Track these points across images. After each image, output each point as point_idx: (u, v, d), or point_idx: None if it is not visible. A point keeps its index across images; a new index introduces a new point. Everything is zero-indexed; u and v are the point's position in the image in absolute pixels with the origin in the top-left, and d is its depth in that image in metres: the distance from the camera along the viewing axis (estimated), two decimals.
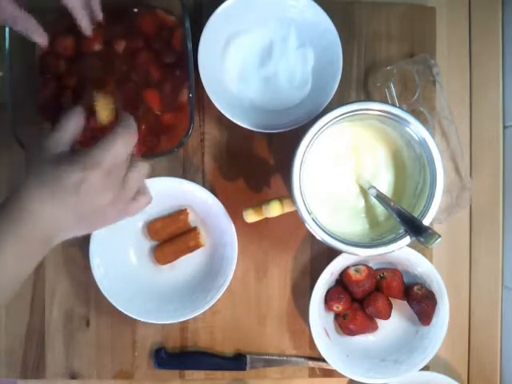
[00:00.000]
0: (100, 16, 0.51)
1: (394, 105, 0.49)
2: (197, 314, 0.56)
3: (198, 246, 0.58)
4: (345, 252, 0.48)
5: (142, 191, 0.45)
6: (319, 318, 0.59)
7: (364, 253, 0.48)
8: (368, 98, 0.62)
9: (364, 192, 0.52)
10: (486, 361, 0.64)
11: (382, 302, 0.58)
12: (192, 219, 0.59)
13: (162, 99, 0.56)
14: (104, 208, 0.42)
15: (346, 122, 0.49)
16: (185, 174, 0.60)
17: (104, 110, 0.46)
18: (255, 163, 0.61)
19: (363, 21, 0.62)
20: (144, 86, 0.56)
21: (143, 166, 0.44)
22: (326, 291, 0.60)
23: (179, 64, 0.57)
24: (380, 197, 0.49)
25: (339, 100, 0.58)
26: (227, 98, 0.57)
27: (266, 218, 0.50)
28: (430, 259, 0.61)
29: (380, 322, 0.61)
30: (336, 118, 0.47)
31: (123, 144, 0.41)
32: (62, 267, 0.59)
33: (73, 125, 0.43)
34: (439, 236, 0.43)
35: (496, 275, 0.64)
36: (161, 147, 0.56)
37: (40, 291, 0.59)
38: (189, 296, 0.58)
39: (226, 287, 0.56)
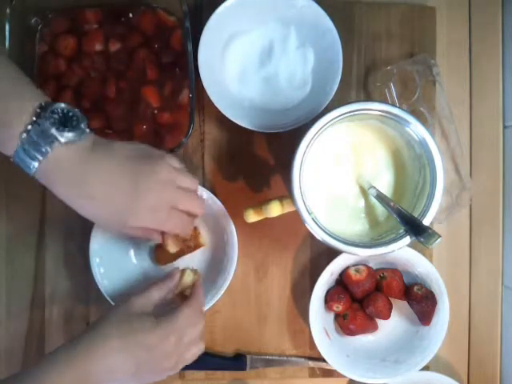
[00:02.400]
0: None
1: (394, 105, 0.49)
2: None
3: (198, 246, 0.58)
4: (345, 252, 0.48)
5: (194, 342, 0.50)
6: (319, 317, 0.59)
7: (364, 253, 0.48)
8: (368, 98, 0.62)
9: (364, 192, 0.52)
10: (486, 361, 0.64)
11: (382, 301, 0.58)
12: None
13: (161, 96, 0.57)
14: (162, 372, 0.47)
15: (346, 122, 0.49)
16: None
17: (187, 278, 0.52)
18: (255, 163, 0.61)
19: (363, 21, 0.62)
20: (142, 84, 0.56)
21: (202, 345, 0.50)
22: (325, 291, 0.60)
23: (178, 64, 0.57)
24: (380, 197, 0.49)
25: (339, 100, 0.58)
26: (227, 98, 0.57)
27: (266, 218, 0.50)
28: (430, 259, 0.61)
29: (380, 322, 0.61)
30: (336, 117, 0.47)
31: (194, 312, 0.49)
32: (62, 267, 0.59)
33: (165, 289, 0.50)
34: (439, 236, 0.43)
35: (496, 275, 0.64)
36: (161, 147, 0.56)
37: (40, 291, 0.59)
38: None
39: (226, 287, 0.56)
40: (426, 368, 0.60)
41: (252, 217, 0.51)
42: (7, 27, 0.52)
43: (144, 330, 0.45)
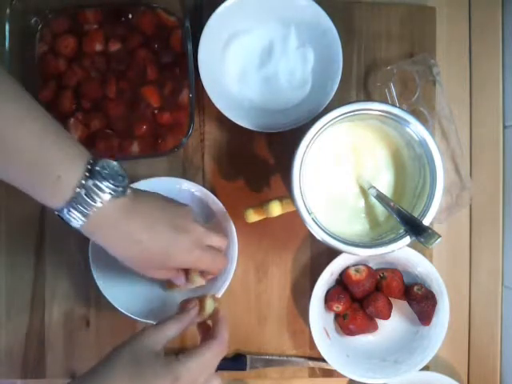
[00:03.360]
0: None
1: (394, 105, 0.49)
2: None
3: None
4: (345, 252, 0.48)
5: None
6: (319, 318, 0.59)
7: (364, 253, 0.48)
8: (368, 97, 0.62)
9: (364, 192, 0.52)
10: (486, 361, 0.64)
11: (382, 301, 0.58)
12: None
13: (161, 96, 0.57)
14: None
15: (346, 122, 0.49)
16: (185, 174, 0.60)
17: (209, 307, 0.48)
18: (255, 163, 0.61)
19: (363, 21, 0.62)
20: (142, 84, 0.56)
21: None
22: (325, 291, 0.60)
23: (178, 64, 0.57)
24: (380, 197, 0.49)
25: (339, 100, 0.58)
26: (227, 98, 0.57)
27: (266, 218, 0.50)
28: (430, 259, 0.61)
29: (380, 322, 0.61)
30: (336, 117, 0.47)
31: (213, 359, 0.44)
32: (62, 267, 0.59)
33: (176, 329, 0.44)
34: (439, 236, 0.43)
35: (496, 275, 0.64)
36: (161, 147, 0.56)
37: (40, 291, 0.59)
38: (189, 296, 0.58)
39: (226, 287, 0.56)
40: (426, 368, 0.60)
41: (252, 217, 0.51)
42: (7, 27, 0.52)
43: (155, 374, 0.40)
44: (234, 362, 0.60)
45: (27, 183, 0.40)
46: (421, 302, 0.58)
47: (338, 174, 0.52)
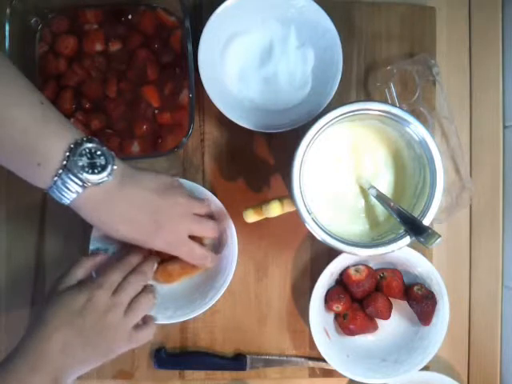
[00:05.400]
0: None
1: (394, 105, 0.49)
2: (197, 314, 0.56)
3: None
4: (345, 252, 0.48)
5: (146, 322, 0.52)
6: (319, 317, 0.59)
7: (364, 253, 0.48)
8: (368, 97, 0.62)
9: (364, 192, 0.52)
10: (486, 361, 0.64)
11: (382, 301, 0.58)
12: None
13: (161, 96, 0.57)
14: (107, 332, 0.47)
15: (346, 122, 0.49)
16: (185, 173, 0.60)
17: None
18: (255, 163, 0.61)
19: (363, 21, 0.62)
20: (142, 84, 0.56)
21: (152, 297, 0.51)
22: (326, 291, 0.60)
23: (178, 64, 0.57)
24: (380, 197, 0.49)
25: (339, 100, 0.58)
26: (227, 98, 0.57)
27: (266, 218, 0.50)
28: (430, 259, 0.61)
29: (380, 322, 0.61)
30: (336, 117, 0.47)
31: (121, 271, 0.50)
32: (62, 267, 0.59)
33: (80, 272, 0.51)
34: (439, 236, 0.43)
35: (496, 275, 0.64)
36: (161, 147, 0.56)
37: (40, 291, 0.59)
38: (189, 296, 0.58)
39: (225, 287, 0.56)
40: (426, 368, 0.60)
41: (252, 217, 0.51)
42: (7, 27, 0.52)
43: (70, 296, 0.47)
44: (234, 361, 0.60)
45: (12, 166, 0.42)
46: (421, 301, 0.58)
47: (338, 174, 0.52)
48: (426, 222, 0.47)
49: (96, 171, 0.42)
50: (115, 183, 0.45)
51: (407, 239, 0.47)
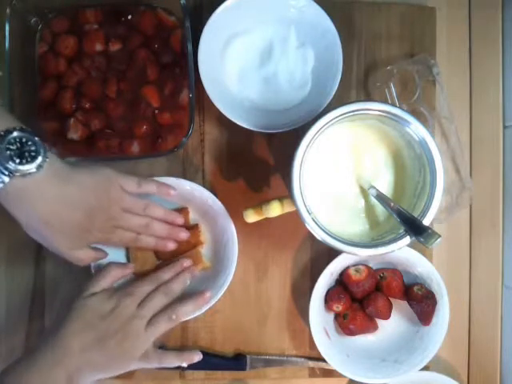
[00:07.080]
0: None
1: (394, 105, 0.49)
2: (197, 314, 0.56)
3: (198, 243, 0.58)
4: (345, 252, 0.48)
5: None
6: (319, 317, 0.59)
7: (364, 253, 0.48)
8: (368, 97, 0.62)
9: (364, 192, 0.52)
10: (486, 361, 0.64)
11: (382, 301, 0.58)
12: (192, 219, 0.59)
13: (161, 96, 0.57)
14: (127, 342, 0.49)
15: (346, 122, 0.49)
16: (185, 173, 0.60)
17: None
18: (255, 163, 0.61)
19: (363, 21, 0.62)
20: (142, 84, 0.56)
21: (174, 318, 0.53)
22: (325, 291, 0.60)
23: (178, 64, 0.57)
24: (380, 197, 0.49)
25: (339, 100, 0.58)
26: (227, 98, 0.57)
27: (266, 218, 0.50)
28: (430, 259, 0.61)
29: (380, 322, 0.61)
30: (336, 117, 0.47)
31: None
32: (63, 267, 0.59)
33: (106, 281, 0.52)
34: (439, 236, 0.43)
35: (496, 275, 0.64)
36: (161, 147, 0.56)
37: (40, 291, 0.59)
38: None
39: (226, 287, 0.56)
40: (425, 368, 0.60)
41: (252, 217, 0.51)
42: (7, 27, 0.52)
43: (98, 301, 0.50)
44: (234, 361, 0.60)
45: None
46: (421, 301, 0.58)
47: (338, 174, 0.52)
48: (426, 222, 0.47)
49: (24, 161, 0.41)
50: (47, 178, 0.43)
51: (407, 239, 0.47)
